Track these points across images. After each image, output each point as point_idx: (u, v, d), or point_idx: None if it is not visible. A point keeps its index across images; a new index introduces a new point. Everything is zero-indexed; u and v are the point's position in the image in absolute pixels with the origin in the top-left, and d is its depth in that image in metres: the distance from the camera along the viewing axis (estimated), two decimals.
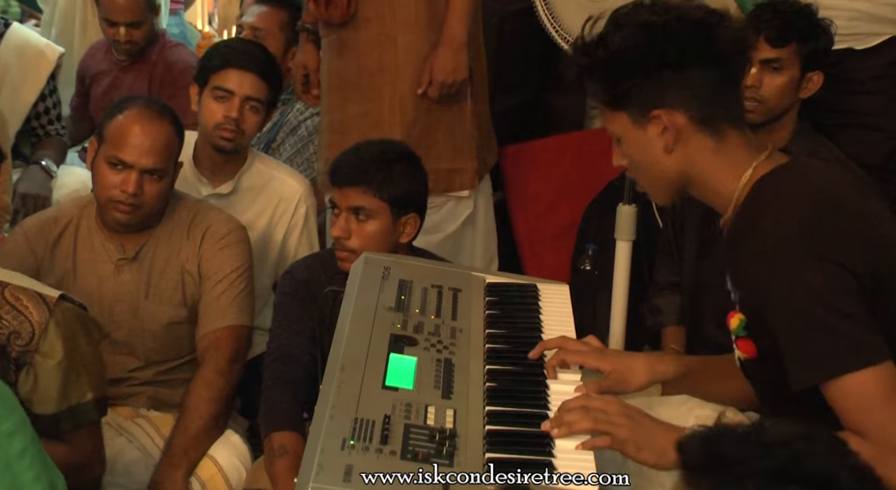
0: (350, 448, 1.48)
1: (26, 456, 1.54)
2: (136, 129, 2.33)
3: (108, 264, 2.43)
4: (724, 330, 2.62)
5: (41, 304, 1.95)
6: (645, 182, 1.76)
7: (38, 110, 3.40)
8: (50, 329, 1.93)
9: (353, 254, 2.26)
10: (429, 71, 2.78)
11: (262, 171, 2.82)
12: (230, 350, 2.39)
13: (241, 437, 2.41)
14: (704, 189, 1.72)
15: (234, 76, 2.69)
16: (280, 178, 2.84)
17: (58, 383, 1.94)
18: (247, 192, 2.79)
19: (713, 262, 2.66)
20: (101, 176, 2.35)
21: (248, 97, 2.69)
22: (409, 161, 2.35)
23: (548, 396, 1.70)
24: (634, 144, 1.71)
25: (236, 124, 2.68)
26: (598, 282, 3.26)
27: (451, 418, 1.59)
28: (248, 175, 2.80)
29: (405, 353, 1.74)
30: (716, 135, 1.68)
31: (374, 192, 2.27)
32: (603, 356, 1.81)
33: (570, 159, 3.65)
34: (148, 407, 2.45)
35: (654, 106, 1.66)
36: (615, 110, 1.70)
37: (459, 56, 2.78)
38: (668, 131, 1.67)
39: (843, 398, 1.54)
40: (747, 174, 1.67)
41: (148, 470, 2.33)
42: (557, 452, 1.56)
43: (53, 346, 1.93)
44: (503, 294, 2.00)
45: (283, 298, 2.37)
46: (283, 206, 2.81)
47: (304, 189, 2.85)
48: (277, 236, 2.81)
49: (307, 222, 2.84)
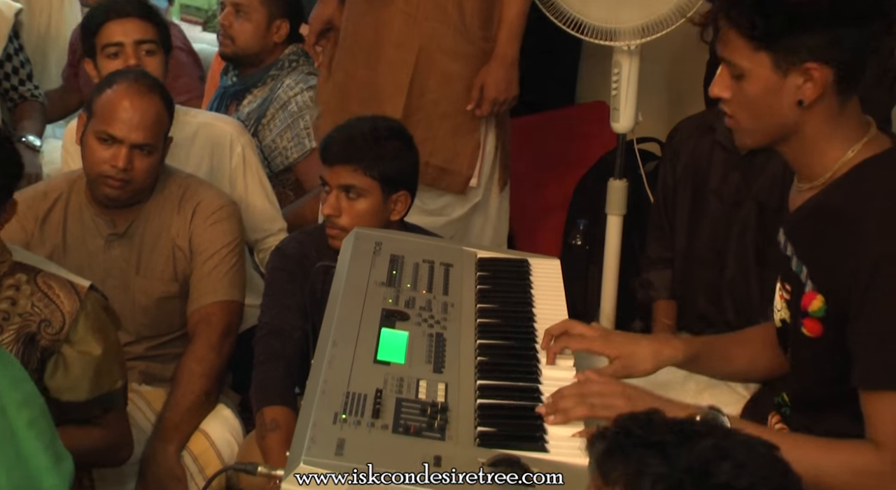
0: (342, 422, 1.49)
1: (34, 427, 1.55)
2: (125, 104, 2.32)
3: (98, 239, 2.43)
4: (715, 304, 2.67)
5: (72, 293, 1.96)
6: (747, 122, 1.64)
7: (5, 71, 3.34)
8: (80, 319, 1.94)
9: (344, 231, 2.25)
10: (479, 88, 2.73)
11: (185, 122, 2.74)
12: (221, 325, 2.39)
13: (232, 411, 2.42)
14: (804, 151, 1.64)
15: (115, 28, 2.65)
16: (206, 123, 2.77)
17: (91, 374, 1.96)
18: (178, 148, 2.70)
19: (705, 236, 2.68)
20: (91, 151, 2.35)
21: (137, 42, 2.65)
22: (400, 138, 2.34)
23: (538, 371, 1.71)
24: (762, 86, 1.60)
25: None
26: (590, 256, 3.27)
27: (442, 392, 1.60)
28: (174, 128, 2.69)
29: (397, 327, 1.75)
30: (844, 102, 1.61)
31: (364, 171, 2.27)
32: (608, 341, 1.80)
33: (561, 134, 3.66)
34: (139, 382, 2.46)
35: (812, 58, 1.57)
36: (758, 49, 1.58)
37: (511, 73, 2.75)
38: (814, 86, 1.58)
39: (885, 411, 1.52)
40: (855, 148, 1.61)
41: (140, 444, 2.33)
42: (548, 425, 1.57)
43: (84, 337, 1.95)
44: (494, 269, 2.01)
45: (273, 274, 2.38)
46: (217, 152, 2.75)
47: (234, 128, 2.78)
48: (223, 185, 2.73)
49: (247, 161, 2.76)
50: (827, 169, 1.63)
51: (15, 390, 1.54)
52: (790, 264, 1.69)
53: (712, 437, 1.09)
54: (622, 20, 2.69)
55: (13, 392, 1.54)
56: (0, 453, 1.47)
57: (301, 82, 3.21)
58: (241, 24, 3.25)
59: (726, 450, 1.07)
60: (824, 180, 1.63)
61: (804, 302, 1.63)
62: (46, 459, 1.55)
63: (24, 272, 1.96)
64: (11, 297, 1.92)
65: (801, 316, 1.65)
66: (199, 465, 2.32)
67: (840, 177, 1.62)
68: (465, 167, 2.81)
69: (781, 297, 1.74)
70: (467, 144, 2.81)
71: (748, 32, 1.59)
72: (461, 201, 2.88)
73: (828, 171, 1.63)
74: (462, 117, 2.79)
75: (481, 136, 2.83)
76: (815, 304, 1.61)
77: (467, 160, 2.82)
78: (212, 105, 3.31)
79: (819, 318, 1.62)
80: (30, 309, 1.93)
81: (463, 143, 2.81)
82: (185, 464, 2.32)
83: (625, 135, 2.86)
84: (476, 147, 2.82)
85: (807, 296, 1.63)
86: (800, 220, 1.68)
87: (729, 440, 1.10)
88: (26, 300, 1.93)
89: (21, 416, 1.53)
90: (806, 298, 1.63)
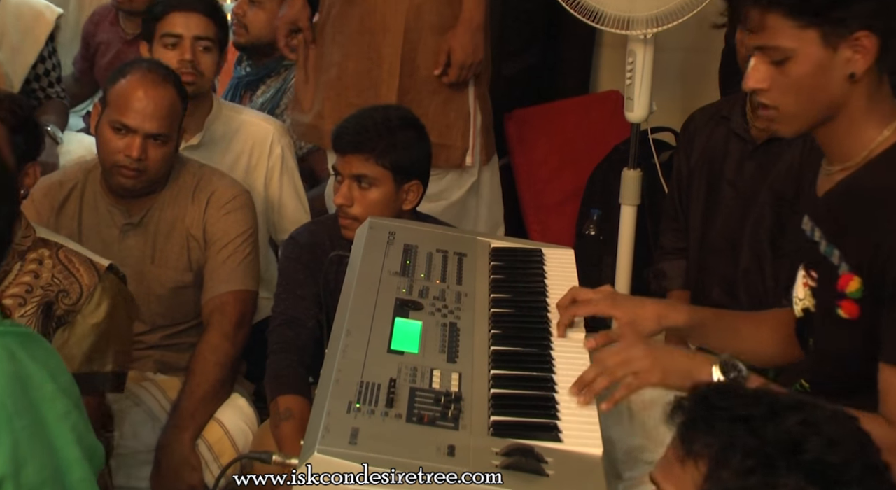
0: (356, 411, 1.49)
1: (68, 419, 1.55)
2: (139, 94, 2.33)
3: (113, 229, 2.44)
4: (729, 295, 2.66)
5: (92, 268, 2.01)
6: (793, 106, 1.60)
7: (37, 72, 3.38)
8: (97, 293, 1.99)
9: (356, 221, 2.26)
10: (446, 53, 2.74)
11: (230, 118, 2.79)
12: (236, 314, 2.40)
13: (247, 400, 2.43)
14: (843, 132, 1.61)
15: (178, 20, 2.68)
16: (250, 122, 2.81)
17: (87, 345, 1.99)
18: (218, 142, 2.76)
19: (719, 226, 2.67)
20: (106, 140, 2.36)
21: (197, 37, 2.68)
22: (412, 127, 2.34)
23: (552, 360, 1.71)
24: (811, 64, 1.56)
25: (192, 66, 2.66)
26: (603, 246, 3.27)
27: (456, 382, 1.60)
28: (217, 123, 2.77)
29: (410, 317, 1.75)
30: (881, 78, 1.60)
31: (376, 160, 2.27)
32: (615, 303, 1.80)
33: (575, 124, 3.65)
34: (155, 370, 2.47)
35: (864, 27, 1.53)
36: (806, 26, 1.55)
37: (478, 37, 2.74)
38: (864, 57, 1.55)
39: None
40: (891, 127, 1.60)
41: (155, 433, 2.36)
42: (562, 415, 1.57)
43: (95, 310, 2.00)
44: (508, 259, 2.01)
45: (287, 264, 2.38)
46: (257, 150, 2.78)
47: (276, 129, 2.82)
48: (258, 183, 2.78)
49: (285, 163, 2.80)
50: (862, 149, 1.61)
51: (51, 381, 1.54)
52: (818, 249, 1.67)
53: (801, 412, 1.09)
54: (637, 9, 2.68)
55: (49, 383, 1.54)
56: (30, 445, 1.48)
57: None
58: (254, 13, 3.26)
59: (816, 425, 1.07)
60: (858, 161, 1.62)
61: (840, 284, 1.61)
62: (77, 452, 1.55)
63: (47, 247, 2.01)
64: (34, 270, 1.98)
65: (836, 298, 1.63)
66: (214, 453, 2.33)
67: (876, 156, 1.61)
68: (459, 139, 2.83)
69: (805, 284, 1.72)
70: (458, 116, 2.83)
71: (794, 10, 1.55)
72: (458, 184, 2.89)
73: (863, 150, 1.61)
74: (451, 90, 2.80)
75: (471, 107, 2.84)
76: (853, 286, 1.60)
77: (460, 132, 2.83)
78: (225, 95, 3.32)
79: (856, 300, 1.60)
80: (50, 280, 1.98)
81: (454, 116, 2.82)
82: (200, 452, 2.33)
83: (639, 124, 2.86)
84: (466, 117, 2.83)
85: (843, 278, 1.61)
86: (831, 202, 1.66)
87: (817, 414, 1.09)
88: (48, 273, 1.98)
89: (55, 407, 1.54)
90: (842, 281, 1.61)
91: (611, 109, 3.56)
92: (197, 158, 2.60)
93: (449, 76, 2.77)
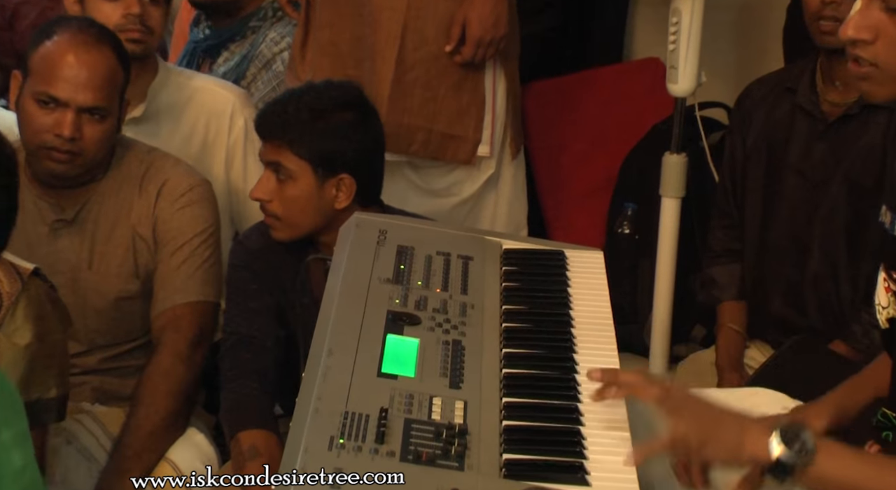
0: (339, 448, 1.50)
1: (25, 474, 1.55)
2: (69, 59, 2.34)
3: (41, 227, 2.45)
4: (794, 306, 2.67)
5: (13, 274, 1.99)
6: None
7: None
8: (20, 304, 1.97)
9: (279, 221, 2.32)
10: (461, 25, 2.73)
11: (180, 85, 2.78)
12: (192, 331, 2.41)
13: (205, 436, 2.44)
14: None
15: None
16: (204, 88, 2.81)
17: (21, 371, 1.97)
18: (166, 113, 2.74)
19: (782, 223, 2.67)
20: (30, 117, 2.36)
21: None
22: (350, 111, 2.34)
23: (577, 386, 1.72)
24: None
25: (140, 21, 2.65)
26: (640, 247, 3.28)
27: (460, 412, 1.61)
28: (165, 91, 2.75)
29: (405, 333, 1.76)
30: None
31: (291, 149, 2.31)
32: None
33: (605, 99, 3.66)
34: (92, 400, 2.48)
35: None
36: None
37: (500, 7, 2.73)
38: None
39: None
40: None
41: (92, 477, 2.36)
42: (590, 453, 1.58)
43: (20, 324, 1.97)
44: (524, 263, 2.01)
45: (234, 273, 2.41)
46: (214, 124, 2.78)
47: (237, 97, 2.82)
48: (217, 164, 2.77)
49: (249, 138, 2.78)
50: None
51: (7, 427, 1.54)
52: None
53: None
54: None
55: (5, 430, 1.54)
56: None
57: (288, 36, 3.22)
58: None
59: None
60: None
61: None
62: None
63: None
64: None
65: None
66: None
67: None
68: (471, 130, 2.83)
69: (888, 289, 1.73)
70: (472, 102, 2.82)
71: None
72: (472, 177, 2.90)
73: None
74: (465, 70, 2.80)
75: (488, 91, 2.83)
76: None
77: (474, 121, 2.83)
78: (180, 63, 3.32)
79: None
80: None
81: (468, 101, 2.82)
82: None
83: (684, 99, 2.87)
84: (482, 105, 2.83)
85: None
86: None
87: None
88: None
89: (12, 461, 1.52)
90: None
91: (649, 81, 3.57)
92: (140, 135, 2.60)
93: (462, 54, 2.76)
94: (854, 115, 2.57)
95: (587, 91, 3.67)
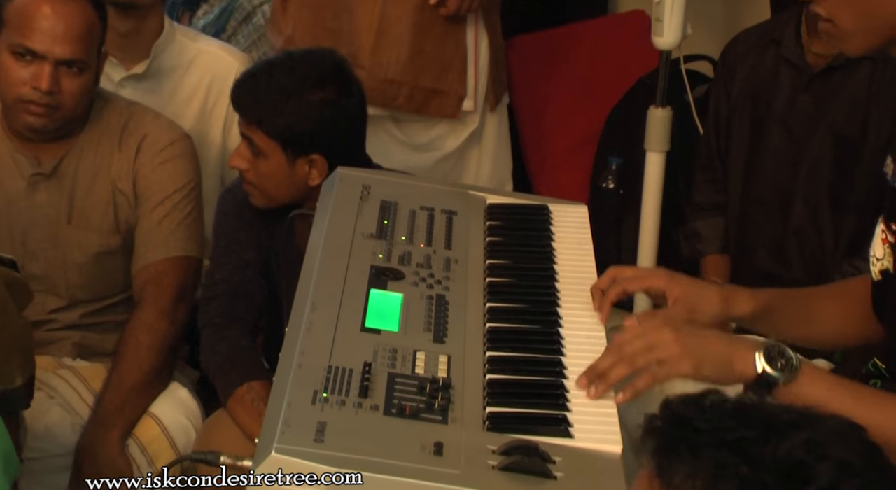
0: (323, 402, 1.50)
1: None
2: (45, 10, 2.32)
3: (19, 180, 2.43)
4: (778, 259, 2.68)
5: None
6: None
7: None
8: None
9: (255, 189, 2.32)
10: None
11: (185, 45, 2.77)
12: (174, 286, 2.41)
13: (189, 391, 2.44)
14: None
15: None
16: (210, 52, 2.81)
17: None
18: (169, 73, 2.73)
19: (766, 176, 2.68)
20: (6, 70, 2.34)
21: None
22: (321, 88, 2.31)
23: (562, 340, 1.73)
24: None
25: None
26: (624, 202, 3.28)
27: (444, 366, 1.62)
28: (169, 51, 2.75)
29: (389, 288, 1.76)
30: None
31: (259, 128, 2.30)
32: (672, 279, 1.81)
33: (589, 53, 3.65)
34: (74, 356, 2.48)
35: None
36: None
37: None
38: None
39: None
40: None
41: (75, 432, 2.37)
42: (573, 406, 1.59)
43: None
44: (508, 217, 2.02)
45: (224, 220, 2.41)
46: (216, 88, 2.78)
47: (241, 64, 2.81)
48: (215, 129, 2.77)
49: None
50: None
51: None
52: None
53: (803, 429, 1.06)
54: None
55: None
56: None
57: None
58: None
59: (822, 446, 1.05)
60: None
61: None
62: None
63: None
64: None
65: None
66: (148, 455, 2.35)
67: None
68: (455, 84, 2.83)
69: (885, 241, 1.74)
70: (456, 55, 2.82)
71: None
72: (455, 131, 2.90)
73: None
74: (448, 24, 2.79)
75: (470, 45, 2.83)
76: None
77: (458, 75, 2.83)
78: None
79: None
80: None
81: (451, 55, 2.82)
82: (131, 454, 2.34)
83: (669, 52, 2.86)
84: (464, 59, 2.82)
85: None
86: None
87: (819, 430, 1.07)
88: None
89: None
90: None
91: (634, 34, 3.55)
92: (140, 92, 2.59)
93: (447, 7, 2.75)
94: (838, 66, 2.57)
95: (572, 45, 3.66)
